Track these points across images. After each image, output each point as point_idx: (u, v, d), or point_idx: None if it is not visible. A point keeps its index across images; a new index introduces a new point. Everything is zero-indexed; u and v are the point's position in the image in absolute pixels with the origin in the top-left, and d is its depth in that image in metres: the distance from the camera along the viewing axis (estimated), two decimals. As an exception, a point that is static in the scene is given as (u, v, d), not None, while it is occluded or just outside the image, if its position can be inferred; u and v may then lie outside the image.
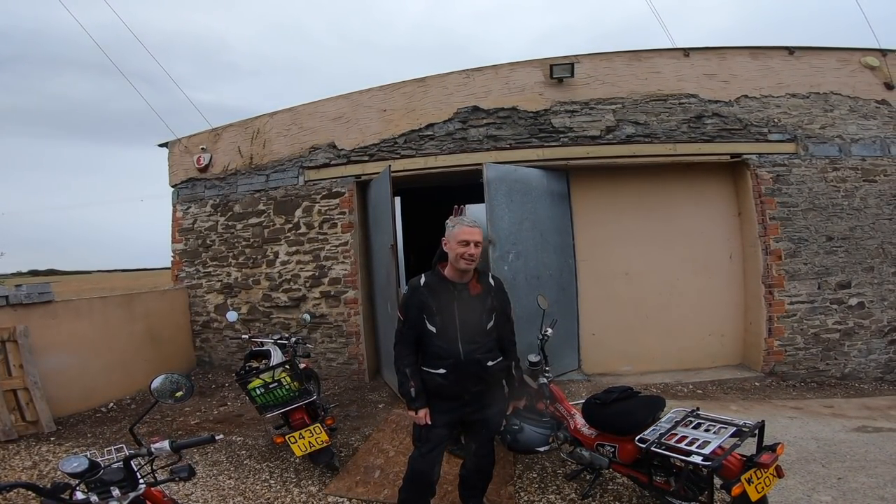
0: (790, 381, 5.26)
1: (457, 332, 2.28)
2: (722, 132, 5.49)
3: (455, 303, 2.29)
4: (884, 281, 5.42)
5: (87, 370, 5.15)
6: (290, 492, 3.15)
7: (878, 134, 5.58)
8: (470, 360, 2.30)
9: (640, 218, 5.72)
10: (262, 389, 3.13)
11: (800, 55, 5.68)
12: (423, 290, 2.31)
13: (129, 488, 1.67)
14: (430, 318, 2.28)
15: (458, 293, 2.31)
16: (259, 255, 6.30)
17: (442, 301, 2.28)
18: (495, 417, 2.52)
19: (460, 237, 2.25)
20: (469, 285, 2.34)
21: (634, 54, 5.74)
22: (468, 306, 2.31)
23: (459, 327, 2.28)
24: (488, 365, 2.35)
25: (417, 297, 2.31)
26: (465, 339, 2.29)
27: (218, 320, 6.44)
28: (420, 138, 5.79)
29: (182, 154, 6.84)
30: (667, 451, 2.36)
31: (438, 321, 2.27)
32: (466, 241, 2.25)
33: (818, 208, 5.43)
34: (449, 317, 2.28)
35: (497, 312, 2.39)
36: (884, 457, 3.25)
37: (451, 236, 2.29)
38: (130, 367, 5.60)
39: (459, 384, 2.31)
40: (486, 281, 2.41)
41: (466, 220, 2.33)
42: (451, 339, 2.28)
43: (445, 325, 2.28)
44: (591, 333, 5.70)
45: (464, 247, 2.24)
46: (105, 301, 5.70)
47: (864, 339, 5.40)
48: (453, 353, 2.28)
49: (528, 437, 2.46)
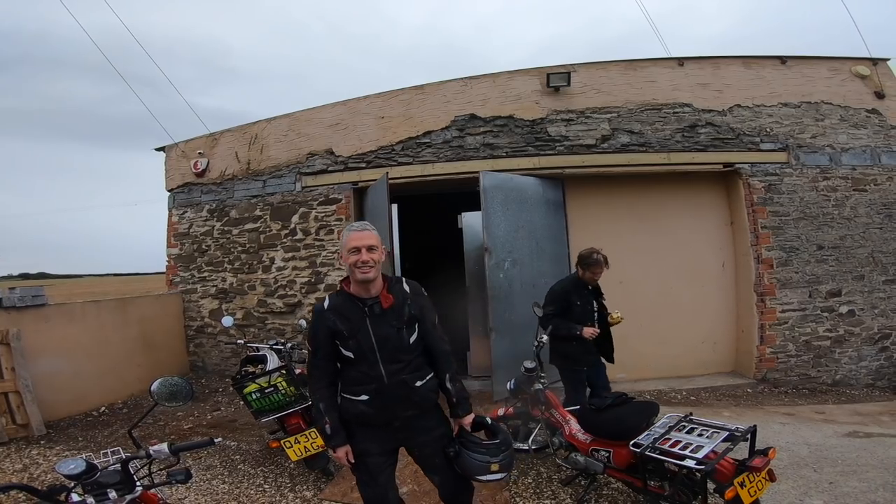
0: (782, 387, 5.31)
1: (375, 353, 2.01)
2: (715, 141, 5.58)
3: (367, 321, 2.01)
4: (874, 289, 5.50)
5: (79, 374, 5.11)
6: (285, 496, 3.13)
7: (868, 143, 5.69)
8: (395, 383, 2.03)
9: (634, 226, 5.78)
10: (258, 394, 3.13)
11: (792, 64, 5.81)
12: (327, 315, 2.02)
13: (125, 491, 1.66)
14: (344, 343, 2.01)
15: (369, 309, 2.01)
16: (255, 261, 6.29)
17: (353, 322, 2.00)
18: (439, 442, 2.20)
19: (349, 245, 1.99)
20: (380, 298, 2.04)
21: (630, 63, 5.83)
22: (383, 322, 2.02)
23: (378, 348, 2.01)
24: (416, 385, 2.08)
25: (324, 324, 2.02)
26: (387, 359, 2.02)
27: (212, 325, 6.41)
28: (417, 146, 5.84)
29: (179, 158, 6.84)
30: (661, 455, 2.38)
31: (353, 345, 2.00)
32: (356, 248, 1.97)
33: (809, 217, 5.52)
34: (364, 338, 2.00)
35: (419, 322, 2.10)
36: (875, 461, 3.28)
37: (344, 247, 2.02)
38: (123, 371, 5.56)
39: (387, 410, 2.05)
40: (399, 289, 2.11)
41: (354, 225, 2.07)
42: (371, 362, 2.01)
43: (362, 349, 2.00)
44: (585, 340, 5.72)
45: (354, 255, 1.97)
46: (98, 305, 5.67)
47: (854, 346, 5.47)
48: (375, 376, 2.02)
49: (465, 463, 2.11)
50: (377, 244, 2.03)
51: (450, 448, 2.15)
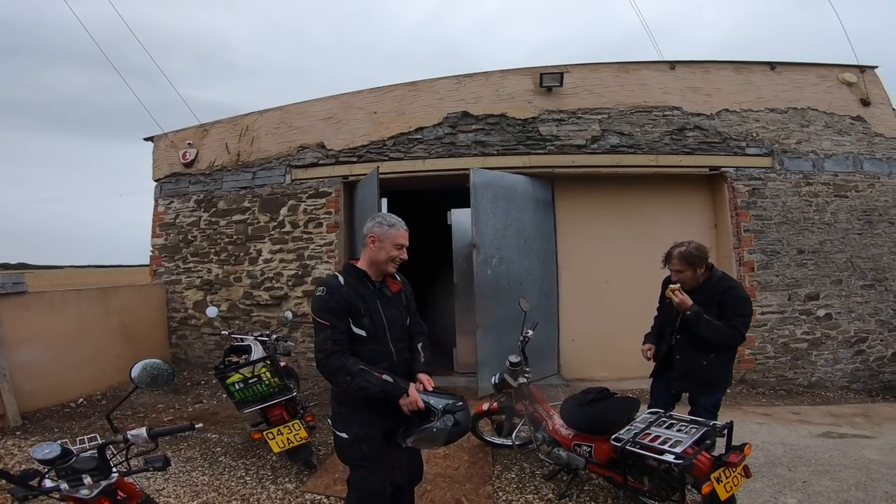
0: (760, 388, 5.41)
1: (386, 332, 2.12)
2: (702, 145, 5.66)
3: (378, 301, 2.13)
4: (851, 293, 5.63)
5: (58, 364, 5.02)
6: (266, 489, 3.11)
7: (851, 150, 5.81)
8: (401, 361, 2.17)
9: (621, 227, 5.84)
10: (242, 384, 3.08)
11: (781, 70, 5.91)
12: (346, 290, 2.05)
13: (100, 477, 1.63)
14: (357, 320, 2.04)
15: (380, 290, 2.16)
16: (241, 253, 6.23)
17: (367, 300, 2.09)
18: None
19: (398, 240, 2.11)
20: (387, 282, 2.21)
21: (622, 66, 5.89)
22: (390, 304, 2.17)
23: (388, 326, 2.13)
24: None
25: (343, 298, 2.03)
26: (395, 339, 2.15)
27: (196, 317, 6.33)
28: (409, 141, 5.83)
29: (167, 149, 6.74)
30: (641, 449, 2.41)
31: (367, 323, 2.06)
32: (402, 245, 2.12)
33: (791, 222, 5.63)
34: (377, 316, 2.09)
35: (409, 309, 2.29)
36: (847, 462, 3.36)
37: (387, 237, 2.10)
38: (102, 362, 5.46)
39: None
40: (397, 278, 2.28)
41: (397, 221, 2.16)
42: (382, 341, 2.11)
43: (374, 327, 2.08)
44: (570, 339, 5.77)
45: (398, 250, 2.11)
46: (80, 294, 5.57)
47: (831, 349, 5.60)
48: (387, 355, 2.11)
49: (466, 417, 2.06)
50: None
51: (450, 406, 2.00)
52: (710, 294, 2.75)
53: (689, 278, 2.80)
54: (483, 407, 3.56)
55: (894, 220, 5.74)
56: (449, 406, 2.00)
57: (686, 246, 2.79)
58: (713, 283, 2.78)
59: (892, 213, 5.75)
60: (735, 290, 2.76)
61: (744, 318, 2.69)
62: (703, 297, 2.75)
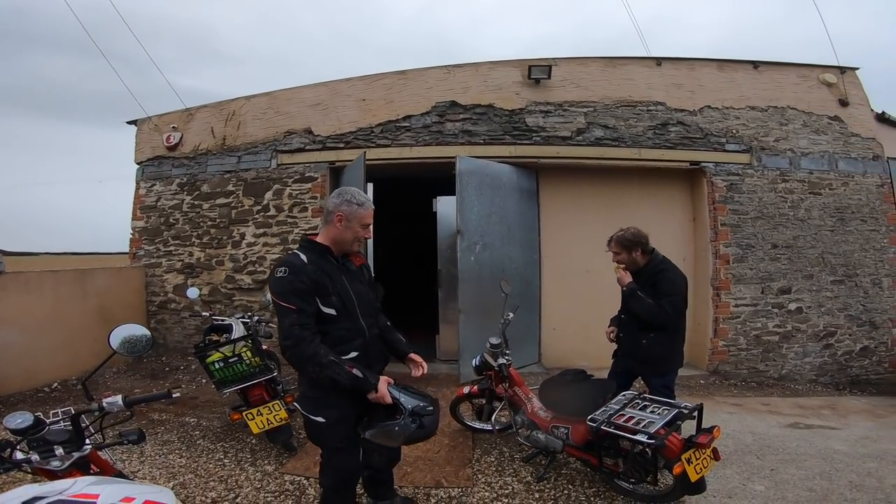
0: (732, 379, 5.56)
1: (356, 307, 2.04)
2: (684, 140, 5.76)
3: (344, 277, 2.06)
4: (822, 288, 5.81)
5: (32, 347, 4.90)
6: (245, 470, 3.09)
7: (826, 149, 5.97)
8: (373, 337, 2.12)
9: (603, 218, 5.87)
10: (222, 364, 3.02)
11: (763, 69, 6.03)
12: (310, 269, 1.95)
13: (73, 449, 1.61)
14: (325, 298, 1.95)
15: (343, 266, 2.09)
16: (224, 236, 6.16)
17: (333, 277, 2.01)
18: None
19: (367, 220, 2.04)
20: (350, 257, 2.15)
21: (609, 61, 5.95)
22: (356, 279, 2.11)
23: (357, 302, 2.05)
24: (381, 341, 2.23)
25: (308, 277, 1.92)
26: (365, 314, 2.09)
27: (176, 301, 6.25)
28: (397, 129, 5.83)
29: (151, 132, 6.63)
30: (616, 430, 2.48)
31: (336, 301, 1.98)
32: (368, 225, 2.06)
33: (766, 217, 5.77)
34: (345, 293, 2.02)
35: (373, 283, 2.27)
36: (813, 451, 3.47)
37: (356, 217, 2.02)
38: (79, 346, 5.34)
39: (370, 366, 2.05)
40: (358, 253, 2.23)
41: (365, 199, 2.08)
42: (353, 317, 2.03)
43: (345, 303, 2.01)
44: (551, 328, 5.85)
45: (364, 230, 2.05)
46: (56, 276, 5.44)
47: (800, 342, 5.78)
48: (359, 332, 2.05)
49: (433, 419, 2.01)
50: None
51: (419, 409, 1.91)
52: (648, 276, 2.96)
53: (626, 260, 3.02)
54: (464, 391, 3.59)
55: (866, 218, 5.93)
56: (418, 409, 1.91)
57: (625, 231, 3.04)
58: (651, 266, 2.98)
59: (864, 212, 5.93)
60: (667, 272, 2.93)
61: (672, 298, 2.85)
62: (642, 279, 2.97)
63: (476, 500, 2.75)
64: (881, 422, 4.29)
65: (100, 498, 1.20)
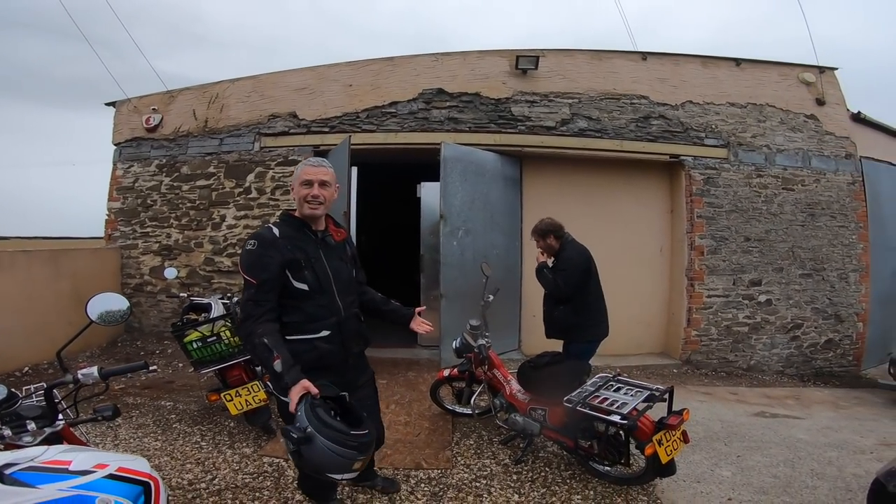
0: (703, 369, 5.74)
1: (332, 284, 1.96)
2: (665, 133, 5.87)
3: (321, 251, 1.98)
4: (791, 281, 6.01)
5: (3, 330, 4.73)
6: (223, 453, 3.07)
7: (801, 146, 6.14)
8: (350, 316, 2.03)
9: (584, 208, 5.99)
10: (200, 343, 2.95)
11: (745, 67, 6.16)
12: (281, 243, 1.88)
13: (45, 424, 1.58)
14: (297, 273, 1.89)
15: (322, 240, 2.00)
16: (204, 218, 6.06)
17: (309, 252, 1.93)
18: (373, 384, 2.29)
19: (302, 178, 1.93)
20: (330, 231, 2.05)
21: (596, 54, 6.00)
22: (334, 255, 2.02)
23: (333, 279, 1.97)
24: (363, 320, 2.15)
25: (277, 252, 1.86)
26: (342, 291, 2.00)
27: (152, 283, 6.13)
28: (383, 115, 5.81)
29: (130, 114, 6.46)
30: (590, 410, 2.55)
31: (309, 276, 1.91)
32: (309, 182, 1.92)
33: (740, 210, 5.93)
34: (321, 268, 1.94)
35: (355, 261, 2.18)
36: (777, 440, 3.61)
37: (296, 178, 1.97)
38: (52, 329, 5.17)
39: (345, 346, 2.01)
40: (342, 225, 2.17)
41: (311, 160, 2.03)
42: (329, 293, 1.96)
43: (319, 279, 1.93)
44: (531, 315, 5.92)
45: (306, 188, 1.92)
46: (29, 256, 5.25)
47: (769, 333, 5.98)
48: (334, 309, 1.97)
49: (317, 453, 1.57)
50: (331, 181, 1.98)
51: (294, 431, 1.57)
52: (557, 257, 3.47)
53: (544, 246, 3.51)
54: (444, 373, 3.64)
55: (836, 215, 6.12)
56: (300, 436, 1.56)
57: (540, 222, 3.57)
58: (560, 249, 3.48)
59: (835, 208, 6.13)
60: (564, 252, 3.45)
61: (565, 273, 3.35)
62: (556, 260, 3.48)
63: (455, 481, 2.79)
64: (843, 413, 4.45)
65: (72, 464, 1.19)
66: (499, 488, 2.73)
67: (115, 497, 1.19)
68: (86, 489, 1.16)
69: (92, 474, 1.20)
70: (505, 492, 2.69)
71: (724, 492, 2.78)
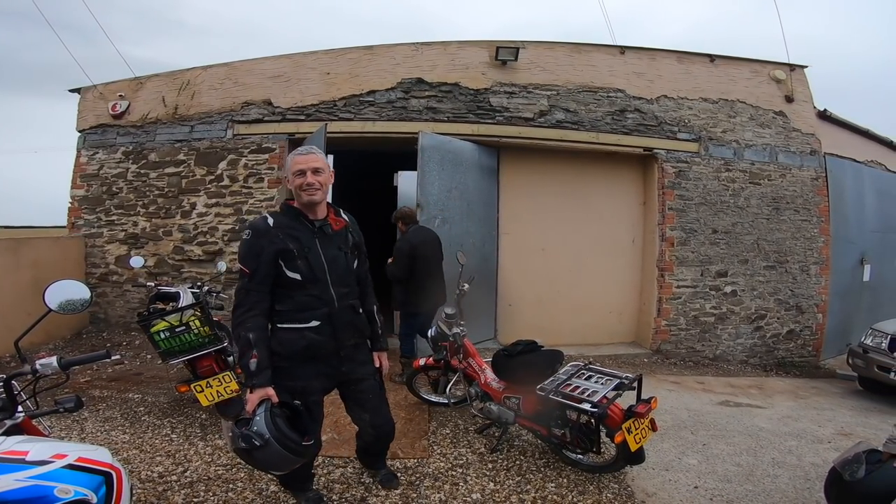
0: (672, 358, 5.91)
1: (326, 274, 1.96)
2: (640, 126, 5.97)
3: (317, 241, 1.97)
4: (755, 273, 6.24)
5: (-44, 321, 4.51)
6: (195, 445, 3.02)
7: (769, 142, 6.33)
8: (344, 307, 2.02)
9: (560, 198, 6.09)
10: (168, 333, 2.79)
11: (719, 63, 6.30)
12: (275, 233, 1.90)
13: (4, 416, 1.52)
14: (290, 263, 1.91)
15: (320, 229, 2.00)
16: (173, 206, 5.88)
17: (303, 241, 1.94)
18: (376, 376, 2.26)
19: (294, 168, 1.96)
20: (329, 220, 2.04)
21: (576, 47, 6.04)
22: (331, 244, 2.02)
23: (328, 269, 1.97)
24: (360, 312, 2.13)
25: (270, 242, 1.89)
26: (336, 282, 2.00)
27: (118, 273, 5.92)
28: (360, 103, 5.75)
29: (96, 100, 6.18)
30: (563, 398, 2.60)
31: (302, 265, 1.92)
32: (302, 171, 1.93)
33: (709, 203, 6.10)
34: (315, 258, 1.95)
35: (359, 251, 2.17)
36: (741, 428, 3.73)
37: (289, 169, 1.99)
38: (11, 320, 4.94)
39: (336, 337, 2.00)
40: (342, 216, 2.15)
41: (300, 149, 2.04)
42: (322, 283, 1.96)
43: (312, 269, 1.94)
44: (507, 304, 6.01)
45: (300, 177, 1.93)
46: (-15, 244, 5.00)
47: (734, 324, 6.20)
48: (327, 300, 1.97)
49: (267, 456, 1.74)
50: (323, 167, 1.99)
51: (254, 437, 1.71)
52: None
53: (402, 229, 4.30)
54: (420, 362, 3.65)
55: (799, 209, 6.36)
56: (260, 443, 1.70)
57: (398, 210, 4.43)
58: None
59: (798, 203, 6.36)
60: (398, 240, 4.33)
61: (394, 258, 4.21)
62: None
63: (432, 470, 2.81)
64: (802, 402, 4.62)
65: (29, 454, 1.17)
66: (475, 477, 2.76)
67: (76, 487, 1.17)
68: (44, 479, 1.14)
69: (50, 464, 1.18)
70: (481, 480, 2.72)
71: (690, 480, 2.87)
